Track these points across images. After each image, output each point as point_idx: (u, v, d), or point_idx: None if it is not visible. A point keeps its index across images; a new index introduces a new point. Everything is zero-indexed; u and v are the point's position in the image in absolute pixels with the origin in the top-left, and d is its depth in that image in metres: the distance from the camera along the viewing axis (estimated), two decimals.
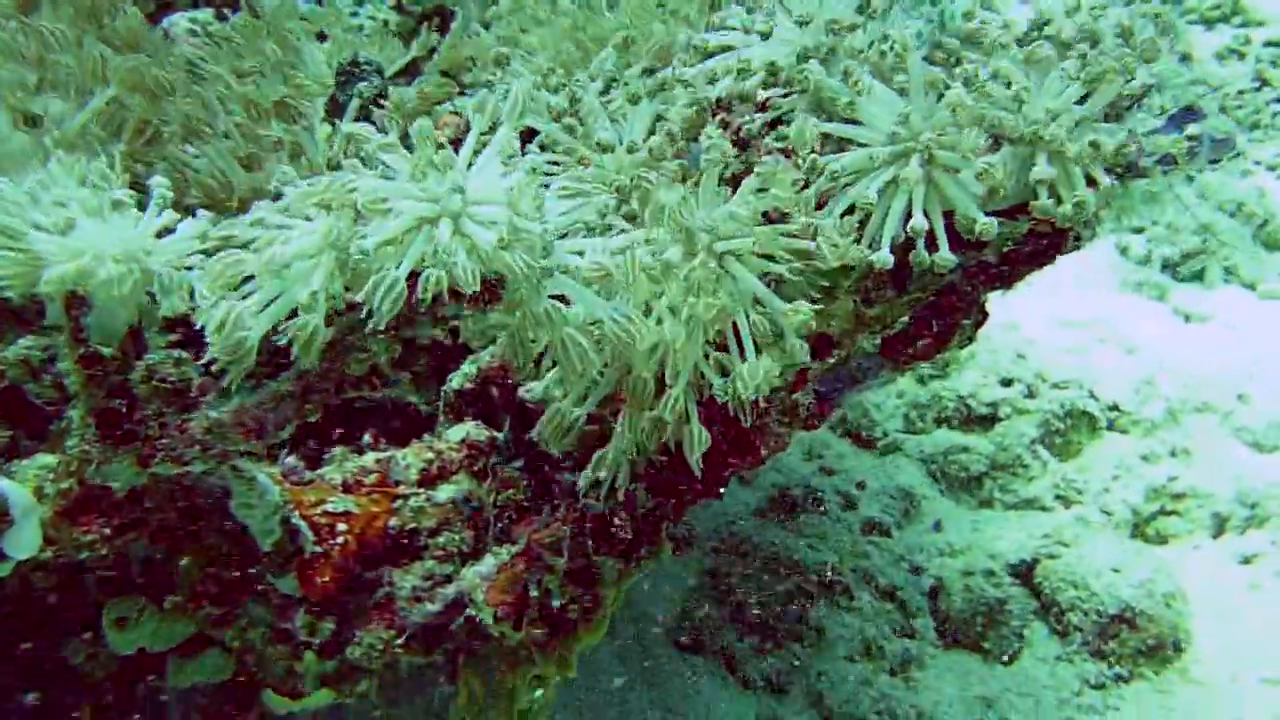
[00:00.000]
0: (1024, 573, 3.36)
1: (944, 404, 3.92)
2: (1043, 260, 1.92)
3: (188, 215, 1.65)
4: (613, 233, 1.82)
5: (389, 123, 2.49)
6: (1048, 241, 1.88)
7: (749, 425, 1.94)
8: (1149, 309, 4.52)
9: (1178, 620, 3.19)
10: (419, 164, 1.50)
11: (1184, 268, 4.64)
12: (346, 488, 1.96)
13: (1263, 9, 5.85)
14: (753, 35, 2.02)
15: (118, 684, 1.98)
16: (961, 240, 1.82)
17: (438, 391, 2.19)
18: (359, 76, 2.57)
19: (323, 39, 2.87)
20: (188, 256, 1.58)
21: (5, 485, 1.59)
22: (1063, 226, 1.78)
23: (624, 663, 3.00)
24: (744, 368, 1.71)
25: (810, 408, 2.02)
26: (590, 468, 1.91)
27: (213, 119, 2.15)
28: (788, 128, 1.88)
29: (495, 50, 2.60)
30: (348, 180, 1.50)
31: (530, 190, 1.54)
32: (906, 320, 1.99)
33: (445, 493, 1.97)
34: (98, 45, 2.15)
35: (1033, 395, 3.92)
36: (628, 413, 1.84)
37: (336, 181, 1.49)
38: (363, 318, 1.50)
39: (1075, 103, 1.81)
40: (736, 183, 1.93)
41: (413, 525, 1.92)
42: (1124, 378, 4.04)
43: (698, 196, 1.81)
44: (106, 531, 1.61)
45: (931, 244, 1.79)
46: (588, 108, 2.13)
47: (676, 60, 2.22)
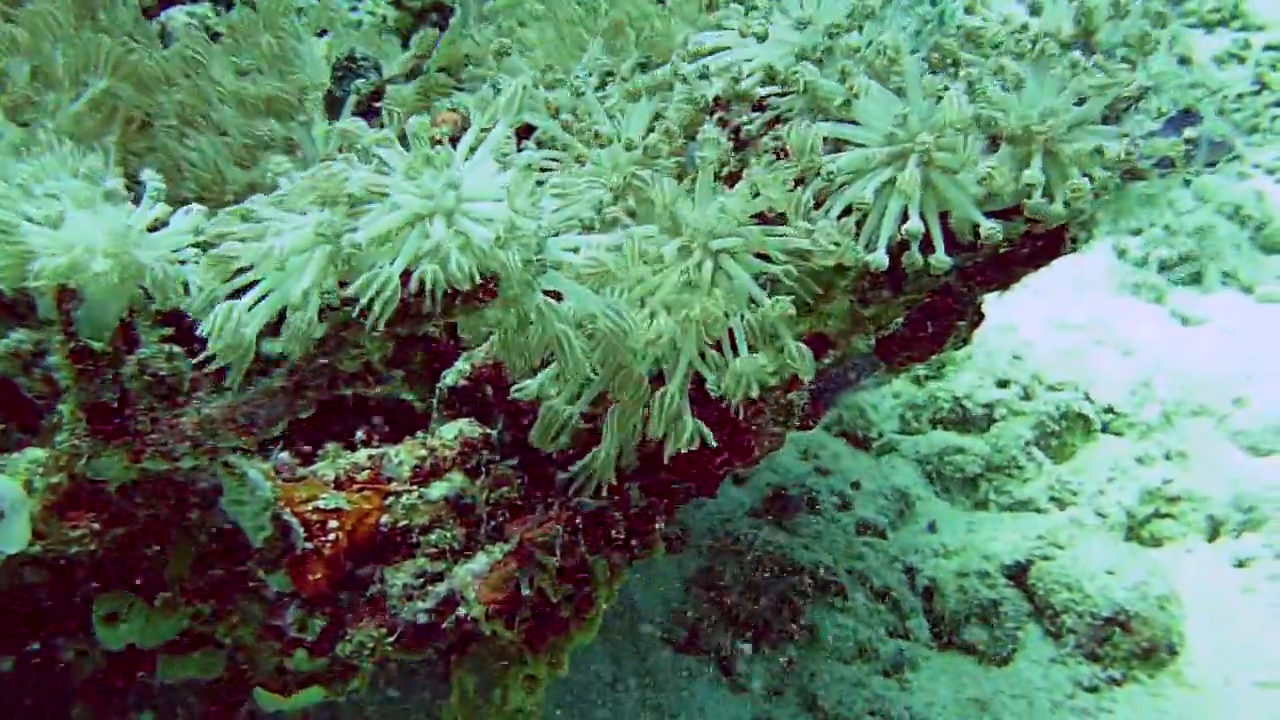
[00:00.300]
0: (1018, 574, 3.36)
1: (940, 405, 3.92)
2: (1039, 262, 1.91)
3: (182, 208, 1.65)
4: (612, 228, 1.81)
5: (390, 119, 2.48)
6: (1044, 243, 1.87)
7: (743, 424, 1.95)
8: (1146, 311, 4.52)
9: (1171, 623, 3.19)
10: (414, 160, 1.50)
11: (1181, 270, 4.64)
12: (339, 484, 1.95)
13: (1263, 13, 5.85)
14: (749, 36, 2.01)
15: (108, 680, 1.98)
16: (957, 242, 1.82)
17: (432, 388, 2.19)
18: (356, 73, 2.56)
19: (323, 34, 2.87)
20: (181, 250, 1.57)
21: None
22: (1058, 228, 1.78)
23: (617, 662, 2.99)
24: (736, 363, 1.70)
25: (805, 408, 2.01)
26: (583, 465, 1.90)
27: (208, 113, 2.14)
28: (785, 127, 1.87)
29: (496, 42, 2.60)
30: (342, 170, 1.49)
31: (525, 187, 1.53)
32: (902, 321, 1.98)
33: (438, 490, 1.97)
34: (93, 36, 2.14)
35: (1029, 397, 3.92)
36: (618, 410, 1.83)
37: (331, 174, 1.48)
38: (355, 314, 1.50)
39: (1073, 104, 1.80)
40: (734, 181, 1.93)
41: (405, 522, 1.92)
42: (1120, 380, 4.05)
43: (694, 194, 1.81)
44: (96, 527, 1.60)
45: (927, 245, 1.78)
46: (586, 104, 2.12)
47: (675, 57, 2.21)
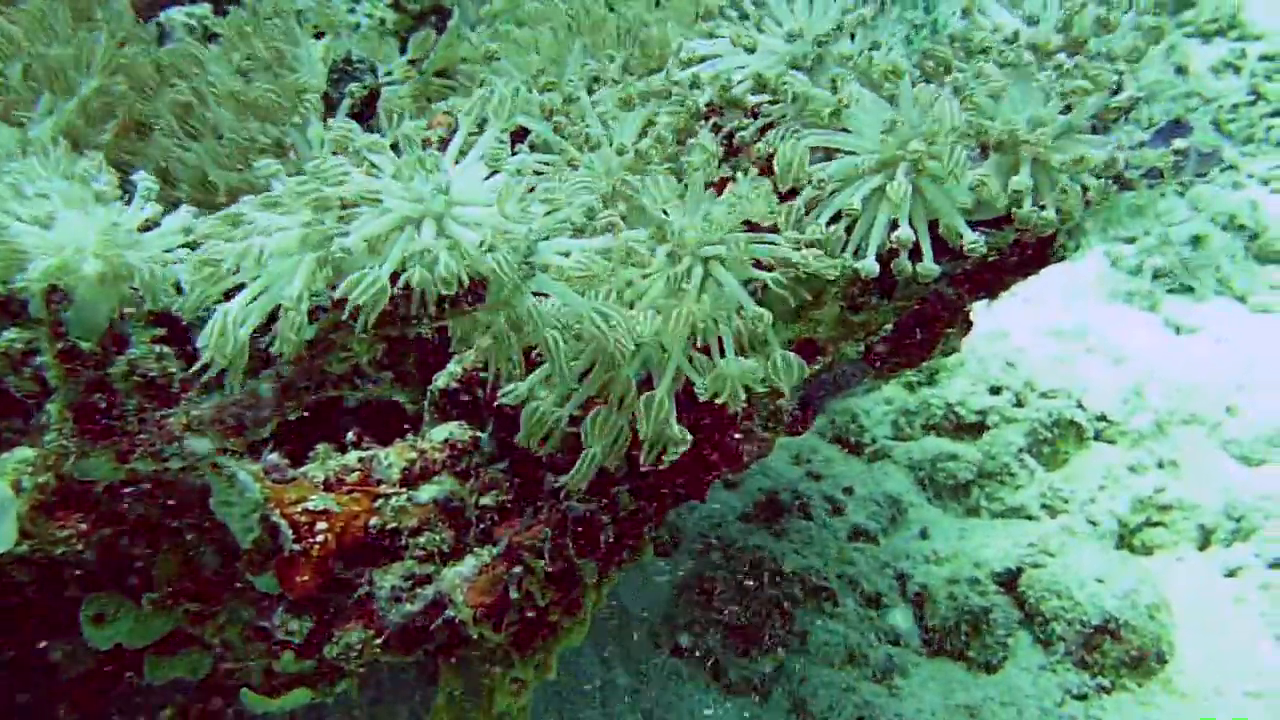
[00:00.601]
0: (1009, 581, 3.36)
1: (933, 411, 3.92)
2: (1028, 271, 1.92)
3: (173, 209, 1.65)
4: (604, 232, 1.81)
5: (387, 122, 2.49)
6: (1033, 252, 1.88)
7: (731, 429, 1.95)
8: (1139, 319, 4.52)
9: (1161, 632, 3.19)
10: (404, 164, 1.50)
11: (1174, 278, 4.65)
12: (328, 486, 1.95)
13: (1260, 23, 5.87)
14: (740, 44, 2.02)
15: (95, 680, 1.98)
16: (946, 249, 1.83)
17: (424, 390, 2.19)
18: (352, 75, 2.57)
19: (321, 35, 2.87)
20: (171, 251, 1.57)
21: None
22: (1046, 236, 1.78)
23: (607, 666, 3.00)
24: (722, 365, 1.71)
25: (794, 413, 2.02)
26: (574, 470, 1.90)
27: (202, 114, 2.15)
28: (775, 133, 1.88)
29: (485, 46, 2.61)
30: (336, 166, 1.50)
31: (515, 191, 1.54)
32: (891, 328, 1.99)
33: (427, 493, 1.97)
34: (88, 36, 2.15)
35: (1021, 404, 3.92)
36: (604, 413, 1.83)
37: (323, 170, 1.49)
38: (344, 316, 1.50)
39: (1060, 112, 1.81)
40: (726, 185, 1.94)
41: (394, 525, 1.92)
42: (1113, 388, 4.05)
43: (684, 200, 1.81)
44: (84, 527, 1.60)
45: (916, 253, 1.79)
46: (579, 108, 2.13)
47: (669, 64, 2.22)
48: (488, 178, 1.56)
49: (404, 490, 1.96)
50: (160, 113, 2.14)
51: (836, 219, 1.83)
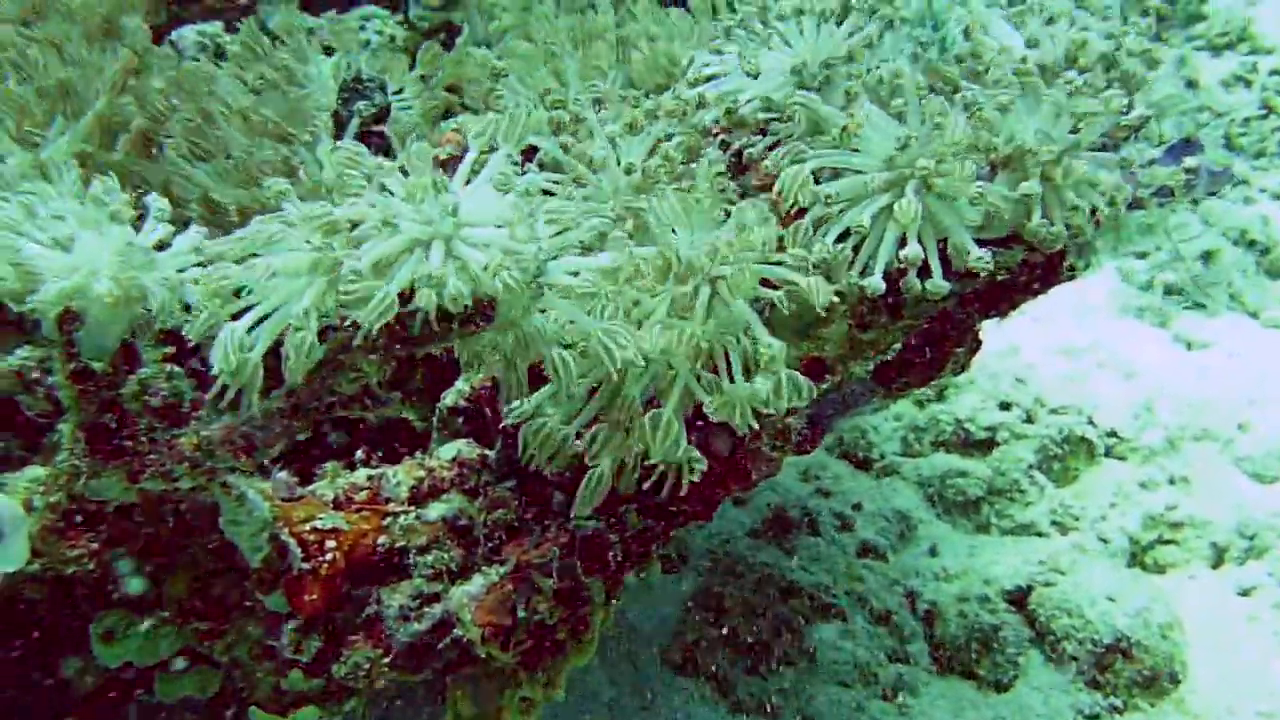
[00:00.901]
0: (1019, 599, 3.35)
1: (942, 427, 3.91)
2: (1037, 290, 1.92)
3: (184, 228, 1.66)
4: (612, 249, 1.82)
5: (397, 141, 2.50)
6: (1042, 271, 1.88)
7: (740, 448, 1.95)
8: (1150, 335, 4.51)
9: (1174, 651, 3.17)
10: (413, 186, 1.51)
11: (1187, 294, 4.63)
12: (337, 504, 1.96)
13: (1271, 36, 5.86)
14: (750, 64, 2.03)
15: (105, 697, 1.98)
16: (955, 268, 1.83)
17: (433, 407, 2.20)
18: (360, 94, 2.58)
19: (330, 52, 2.90)
20: (183, 271, 1.59)
21: None
22: (1056, 255, 1.78)
23: (614, 683, 2.99)
24: (731, 390, 1.71)
25: (802, 432, 2.02)
26: (581, 489, 1.90)
27: (212, 134, 2.16)
28: (780, 151, 1.89)
29: (493, 63, 2.62)
30: (352, 182, 1.51)
31: (523, 211, 1.55)
32: (900, 347, 1.99)
33: (435, 511, 1.97)
34: (100, 56, 2.16)
35: (1031, 420, 3.91)
36: (610, 432, 1.83)
37: (336, 189, 1.51)
38: (354, 337, 1.51)
39: (1070, 131, 1.81)
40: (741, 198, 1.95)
41: (402, 543, 1.92)
42: (1123, 404, 4.04)
43: (691, 219, 1.82)
44: (94, 546, 1.61)
45: (924, 271, 1.79)
46: (587, 126, 2.14)
47: (678, 82, 2.23)
48: (497, 198, 1.57)
49: (412, 508, 1.96)
50: (170, 132, 2.16)
51: (844, 237, 1.84)
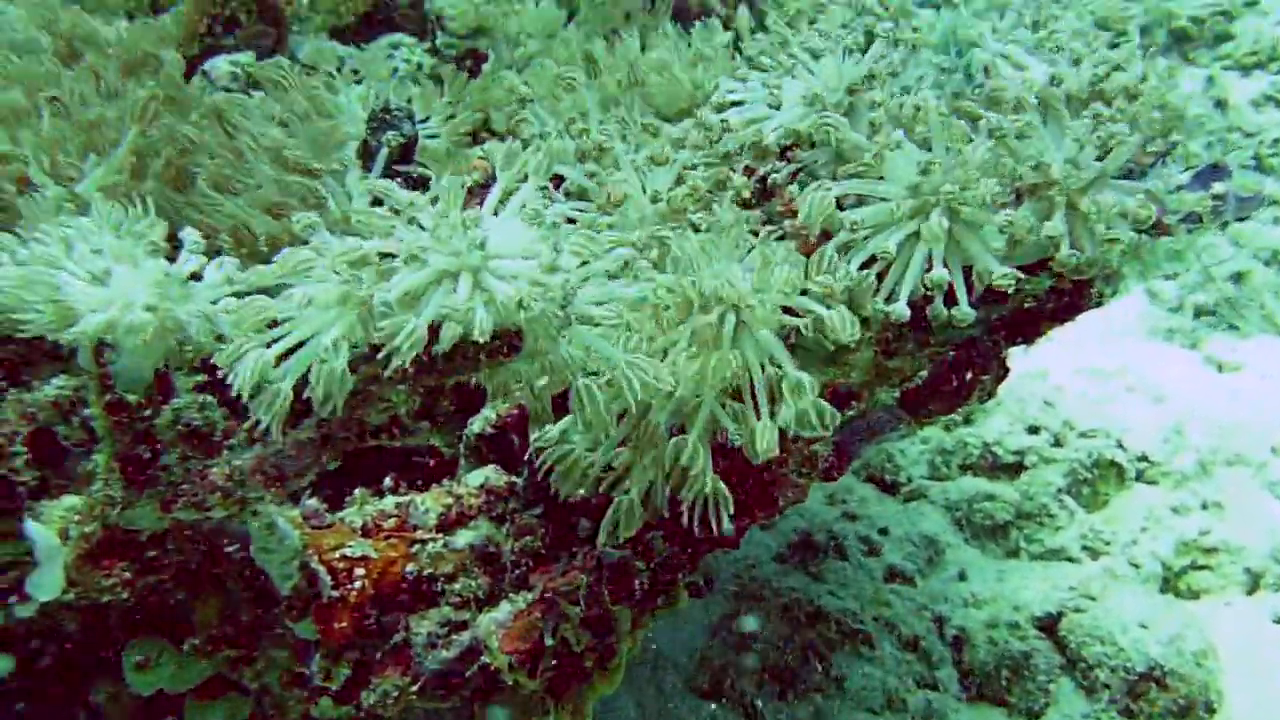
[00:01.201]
0: (1049, 625, 3.31)
1: (969, 451, 3.88)
2: (1064, 317, 1.91)
3: (216, 256, 1.69)
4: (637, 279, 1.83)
5: (427, 171, 2.52)
6: (1069, 298, 1.87)
7: (766, 475, 1.95)
8: (1180, 357, 4.46)
9: (1209, 680, 3.12)
10: (442, 219, 1.53)
11: (1219, 316, 4.59)
12: (365, 531, 1.97)
13: None
14: (774, 95, 2.04)
15: None
16: (982, 295, 1.82)
17: (460, 434, 2.21)
18: (388, 123, 2.61)
19: (359, 80, 2.94)
20: (216, 302, 1.61)
21: (31, 527, 1.62)
22: (1082, 282, 1.78)
23: (641, 708, 2.98)
24: (756, 428, 1.71)
25: (828, 459, 2.02)
26: (608, 516, 1.91)
27: (242, 168, 2.19)
28: (807, 188, 1.89)
29: (519, 90, 2.65)
30: (378, 221, 1.53)
31: (550, 242, 1.56)
32: (926, 374, 1.98)
33: (463, 538, 1.98)
34: (134, 89, 2.21)
35: (1060, 444, 3.88)
36: (638, 459, 1.84)
37: (367, 223, 1.53)
38: (384, 368, 1.53)
39: (1096, 159, 1.81)
40: (766, 225, 1.96)
41: (430, 571, 1.93)
42: (1153, 427, 3.99)
43: (715, 250, 1.83)
44: (128, 575, 1.63)
45: (951, 298, 1.79)
46: (613, 156, 2.16)
47: (703, 109, 2.25)
48: (524, 229, 1.59)
49: (440, 536, 1.98)
50: (202, 167, 2.19)
51: (869, 263, 1.84)
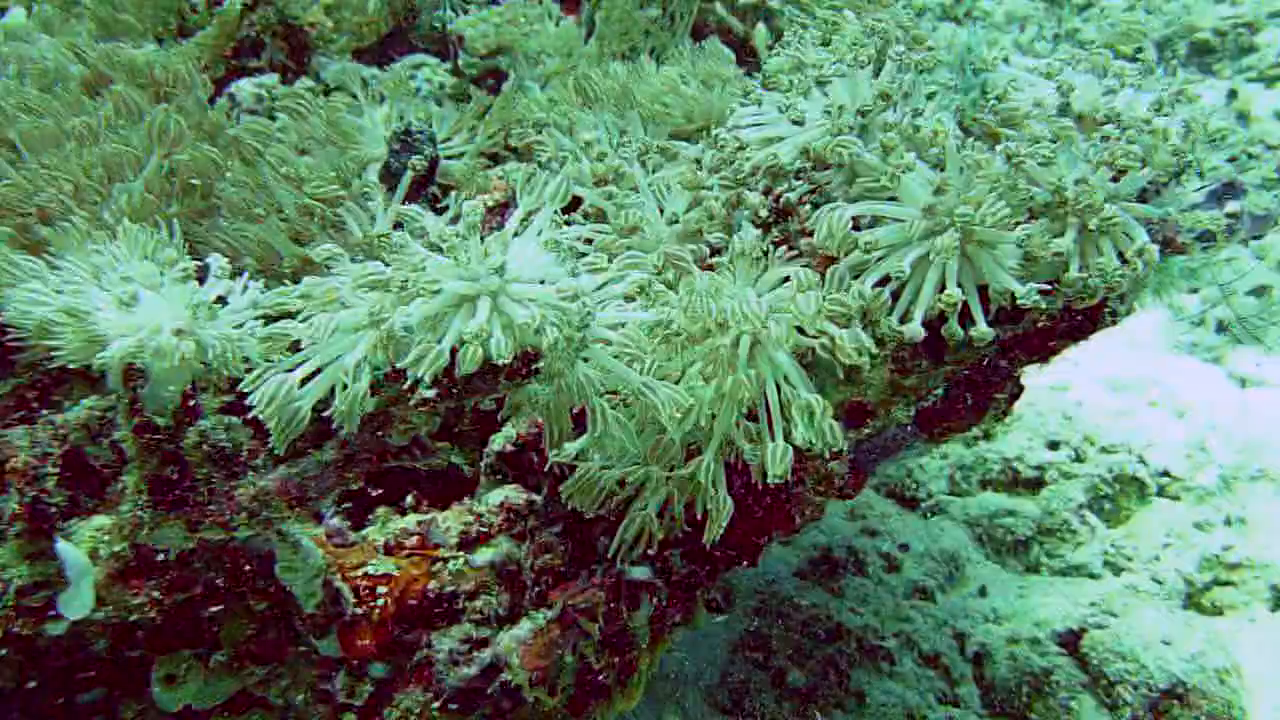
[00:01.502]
0: (1070, 642, 3.29)
1: (989, 466, 3.87)
2: (1078, 336, 1.92)
3: (239, 276, 1.73)
4: (653, 302, 1.85)
5: (449, 196, 2.56)
6: (1083, 317, 1.88)
7: (783, 493, 1.97)
8: (1202, 371, 4.43)
9: (1232, 698, 3.09)
10: (461, 243, 1.56)
11: (1241, 330, 4.55)
12: (388, 549, 2.00)
13: None
14: (789, 113, 2.06)
15: None
16: (996, 314, 1.84)
17: (479, 450, 2.24)
18: (410, 145, 2.65)
19: (382, 100, 2.98)
20: (241, 325, 1.65)
21: (62, 547, 1.66)
22: (1096, 301, 1.78)
23: None
24: (769, 450, 1.72)
25: (845, 477, 2.03)
26: (620, 531, 1.92)
27: (264, 195, 2.23)
28: (821, 209, 1.91)
29: (535, 116, 2.69)
30: (405, 250, 1.57)
31: (568, 267, 1.59)
32: (941, 392, 1.99)
33: (484, 556, 2.01)
34: (158, 113, 2.25)
35: (1080, 459, 3.86)
36: (654, 477, 1.86)
37: (389, 248, 1.56)
38: (405, 390, 1.56)
39: (1110, 180, 1.82)
40: (781, 244, 1.98)
41: (451, 588, 1.96)
42: (1175, 442, 3.97)
43: (733, 273, 1.85)
44: (156, 594, 1.67)
45: (966, 317, 1.80)
46: (631, 179, 2.19)
47: (719, 130, 2.27)
48: (542, 253, 1.61)
49: (461, 554, 2.01)
50: (226, 194, 2.23)
51: (884, 283, 1.85)
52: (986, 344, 1.82)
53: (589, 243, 2.08)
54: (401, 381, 1.55)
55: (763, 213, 2.08)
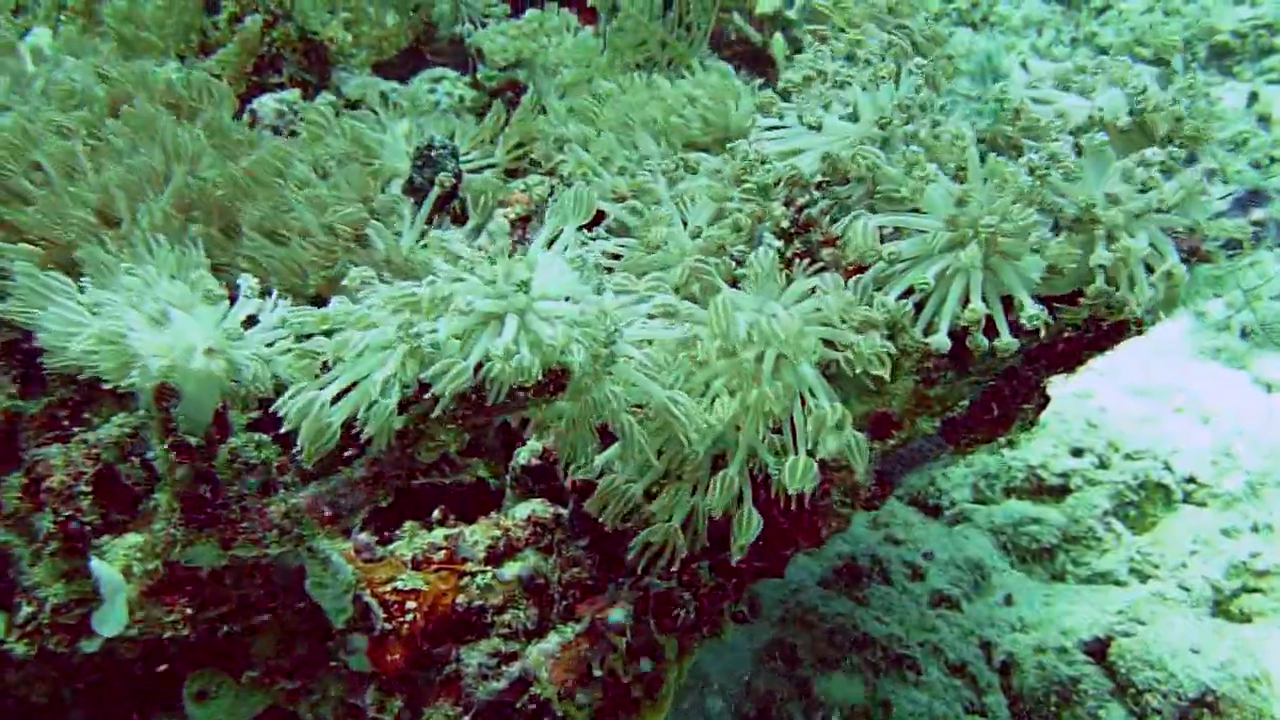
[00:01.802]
0: (1098, 650, 3.27)
1: (1013, 474, 3.86)
2: (1105, 346, 1.91)
3: (268, 302, 1.75)
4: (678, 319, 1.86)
5: (470, 207, 2.57)
6: (1110, 327, 1.87)
7: (809, 506, 1.96)
8: (1227, 377, 4.40)
9: (1263, 706, 3.06)
10: (488, 262, 1.57)
11: (1265, 335, 4.52)
12: (416, 564, 2.01)
13: None
14: (810, 125, 2.07)
15: None
16: (1022, 326, 1.83)
17: (505, 464, 2.25)
18: (433, 160, 2.67)
19: (404, 116, 3.00)
20: (271, 344, 1.67)
21: (96, 565, 1.68)
22: (1123, 316, 1.78)
23: None
24: (790, 463, 1.73)
25: (871, 488, 2.03)
26: (639, 541, 1.92)
27: (287, 220, 2.25)
28: (843, 214, 1.91)
29: (556, 132, 2.70)
30: (430, 267, 1.58)
31: (594, 284, 1.60)
32: (967, 403, 1.99)
33: (511, 570, 2.02)
34: (181, 133, 2.27)
35: (1105, 466, 3.84)
36: (678, 489, 1.87)
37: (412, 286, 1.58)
38: (432, 408, 1.57)
39: (1137, 191, 1.81)
40: (804, 257, 1.98)
41: (480, 602, 1.97)
42: (1201, 449, 3.94)
43: (755, 286, 1.86)
44: (189, 611, 1.68)
45: (992, 329, 1.80)
46: (654, 193, 2.20)
47: (740, 142, 2.27)
48: (569, 271, 1.62)
49: (489, 568, 2.01)
50: (249, 218, 2.25)
51: (908, 294, 1.86)
52: (1011, 354, 1.82)
53: (615, 258, 2.09)
54: (430, 399, 1.56)
55: (784, 224, 2.09)
